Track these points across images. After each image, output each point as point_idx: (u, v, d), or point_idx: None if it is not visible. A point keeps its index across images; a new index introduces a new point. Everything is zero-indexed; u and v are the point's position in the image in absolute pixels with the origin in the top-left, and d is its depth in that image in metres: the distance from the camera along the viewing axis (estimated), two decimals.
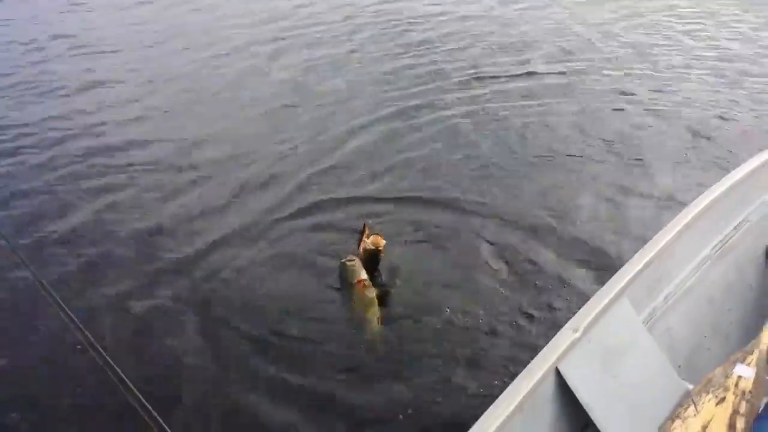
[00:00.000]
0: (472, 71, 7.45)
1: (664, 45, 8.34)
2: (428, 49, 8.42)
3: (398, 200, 4.77)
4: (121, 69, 8.17)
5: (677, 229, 2.22)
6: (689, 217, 2.28)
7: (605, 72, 7.37)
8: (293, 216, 4.60)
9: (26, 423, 2.95)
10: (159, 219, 4.64)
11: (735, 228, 2.50)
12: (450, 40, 8.75)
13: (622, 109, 6.30)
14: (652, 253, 2.11)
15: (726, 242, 2.44)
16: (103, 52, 8.98)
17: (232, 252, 4.20)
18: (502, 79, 7.20)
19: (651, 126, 5.90)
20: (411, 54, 8.23)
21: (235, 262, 4.08)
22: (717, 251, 2.40)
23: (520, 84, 7.07)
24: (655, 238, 2.19)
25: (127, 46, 9.19)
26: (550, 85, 7.02)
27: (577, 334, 1.82)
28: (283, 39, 9.16)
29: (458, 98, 6.69)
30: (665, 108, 6.28)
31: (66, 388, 3.11)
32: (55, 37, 9.72)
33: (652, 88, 6.85)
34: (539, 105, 6.47)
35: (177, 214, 4.71)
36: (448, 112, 6.33)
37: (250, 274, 3.98)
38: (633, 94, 6.68)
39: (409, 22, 9.72)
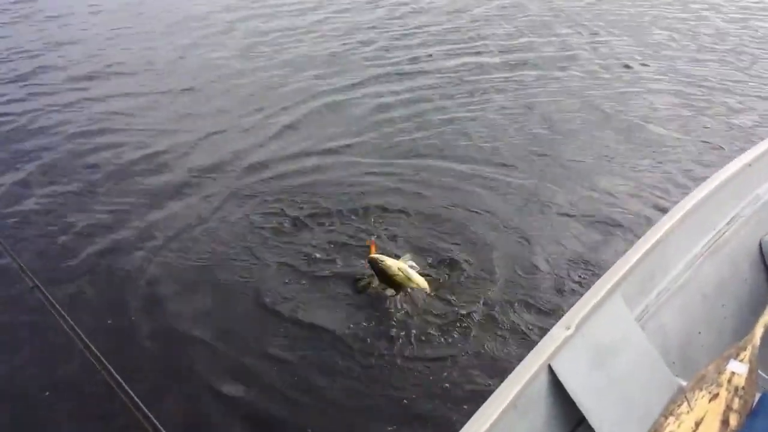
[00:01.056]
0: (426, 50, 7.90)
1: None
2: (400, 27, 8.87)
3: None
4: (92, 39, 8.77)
5: (669, 225, 2.21)
6: (681, 213, 2.27)
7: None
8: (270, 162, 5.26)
9: (13, 421, 2.95)
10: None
11: (728, 223, 2.49)
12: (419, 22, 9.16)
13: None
14: (645, 250, 2.10)
15: (719, 237, 2.43)
16: (72, 13, 9.59)
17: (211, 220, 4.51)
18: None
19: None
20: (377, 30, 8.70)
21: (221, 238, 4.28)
22: (710, 247, 2.39)
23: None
24: (647, 234, 2.18)
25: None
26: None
27: (570, 332, 1.81)
28: (243, 8, 9.84)
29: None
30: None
31: (56, 386, 3.10)
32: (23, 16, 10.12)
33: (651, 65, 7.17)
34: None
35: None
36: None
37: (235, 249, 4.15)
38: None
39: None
